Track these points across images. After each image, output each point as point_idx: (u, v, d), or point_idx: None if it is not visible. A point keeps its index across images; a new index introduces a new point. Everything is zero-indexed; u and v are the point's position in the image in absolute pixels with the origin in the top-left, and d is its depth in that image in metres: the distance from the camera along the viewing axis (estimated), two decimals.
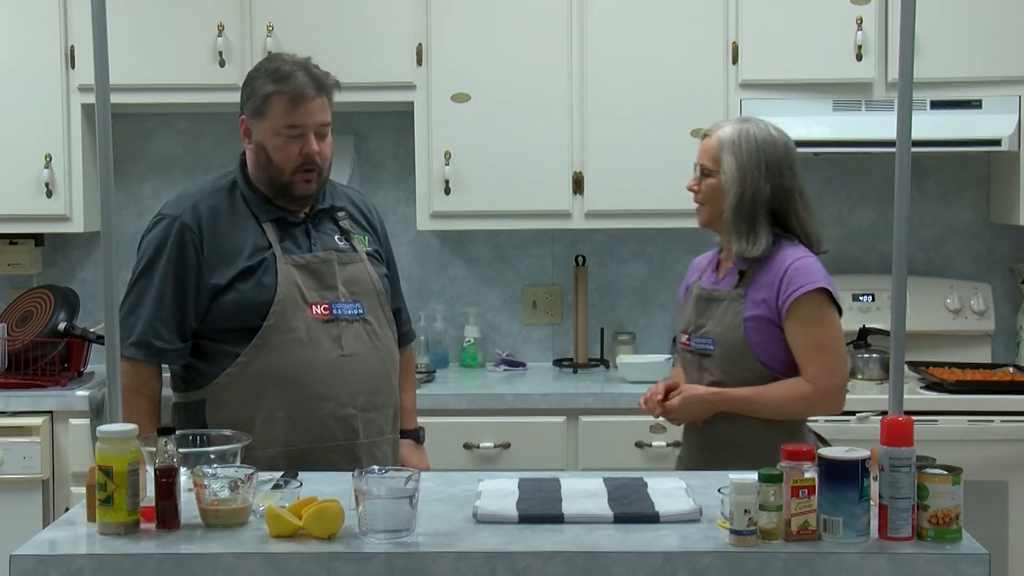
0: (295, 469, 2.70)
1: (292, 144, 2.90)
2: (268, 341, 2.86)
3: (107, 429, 2.32)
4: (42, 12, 4.20)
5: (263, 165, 2.93)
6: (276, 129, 2.90)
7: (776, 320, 2.91)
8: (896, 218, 2.38)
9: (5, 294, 4.53)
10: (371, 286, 3.00)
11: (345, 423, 2.91)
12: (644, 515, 2.34)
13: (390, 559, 2.19)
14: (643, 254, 4.62)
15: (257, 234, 2.92)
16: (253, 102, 2.93)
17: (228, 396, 2.88)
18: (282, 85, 2.90)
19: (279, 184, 2.93)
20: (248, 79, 2.99)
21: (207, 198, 2.95)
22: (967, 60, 4.14)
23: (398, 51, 4.20)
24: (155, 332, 2.87)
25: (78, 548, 2.26)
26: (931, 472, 2.22)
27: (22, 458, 3.93)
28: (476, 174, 4.22)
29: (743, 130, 2.99)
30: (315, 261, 2.94)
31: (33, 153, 4.22)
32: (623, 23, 4.19)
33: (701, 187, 3.03)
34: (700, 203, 3.05)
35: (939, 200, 4.56)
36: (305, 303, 2.89)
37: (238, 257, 2.89)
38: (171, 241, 2.88)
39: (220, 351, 2.89)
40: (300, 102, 2.89)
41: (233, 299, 2.87)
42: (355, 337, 2.93)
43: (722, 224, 3.01)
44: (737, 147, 2.97)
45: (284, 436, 2.87)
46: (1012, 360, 4.44)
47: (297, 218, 2.98)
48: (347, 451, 2.91)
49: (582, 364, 4.41)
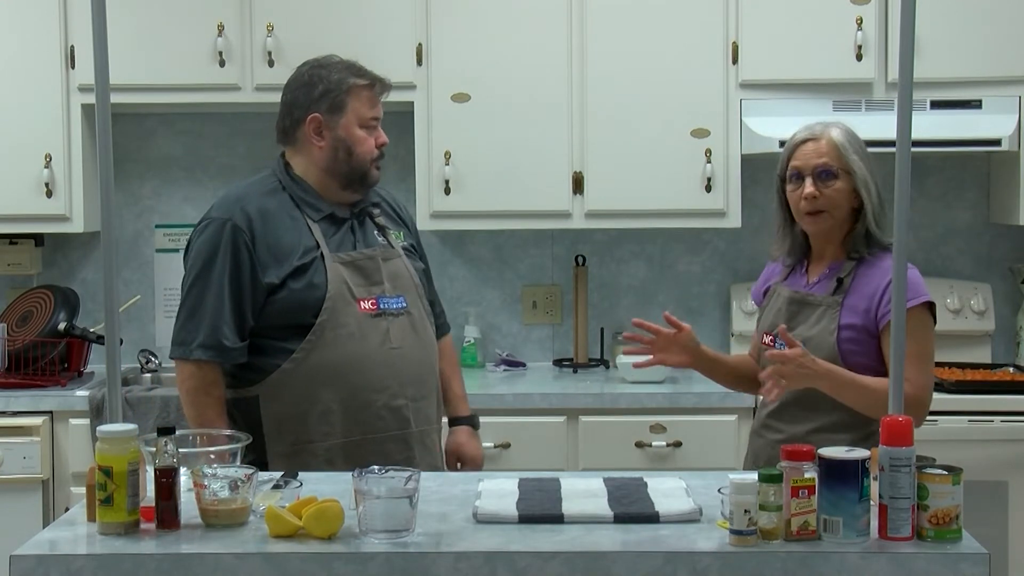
0: (351, 461, 2.75)
1: (370, 136, 3.03)
2: (321, 337, 2.92)
3: (107, 429, 2.32)
4: (42, 12, 4.20)
5: (343, 159, 3.01)
6: (361, 121, 3.02)
7: (873, 330, 2.81)
8: (896, 218, 2.38)
9: (5, 294, 4.53)
10: (410, 280, 3.08)
11: (398, 413, 2.97)
12: (644, 515, 2.35)
13: (390, 559, 2.19)
14: (643, 254, 4.62)
15: (305, 233, 2.98)
16: (330, 97, 3.00)
17: (283, 391, 2.92)
18: (363, 78, 3.03)
19: (359, 174, 3.03)
20: (312, 77, 3.03)
21: (255, 199, 2.99)
22: (967, 60, 4.14)
23: (398, 51, 4.20)
24: (221, 332, 2.91)
25: (78, 548, 2.26)
26: (931, 472, 2.22)
27: (22, 458, 3.93)
28: (476, 174, 4.22)
29: (847, 129, 2.91)
30: (361, 258, 3.01)
31: (33, 153, 4.22)
32: (623, 23, 4.19)
33: (825, 192, 2.86)
34: (822, 209, 2.87)
35: (939, 200, 4.56)
36: (354, 299, 2.96)
37: (290, 257, 2.94)
38: (224, 242, 2.93)
39: (274, 348, 2.94)
40: (379, 96, 3.06)
41: (286, 297, 2.93)
42: (401, 330, 3.00)
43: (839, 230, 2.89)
44: (857, 146, 2.88)
45: (341, 428, 2.93)
46: (1012, 360, 4.44)
47: (344, 214, 3.04)
48: (401, 440, 2.98)
49: (582, 364, 4.41)
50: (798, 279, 2.98)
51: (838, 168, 2.86)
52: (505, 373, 4.42)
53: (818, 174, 2.87)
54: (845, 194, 2.87)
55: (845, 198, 2.87)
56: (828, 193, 2.86)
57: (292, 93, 3.06)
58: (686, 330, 2.96)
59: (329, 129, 3.01)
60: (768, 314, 3.01)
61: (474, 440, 3.27)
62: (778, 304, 2.97)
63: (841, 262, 2.91)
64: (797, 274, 3.00)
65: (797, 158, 2.91)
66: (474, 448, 3.25)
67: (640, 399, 4.03)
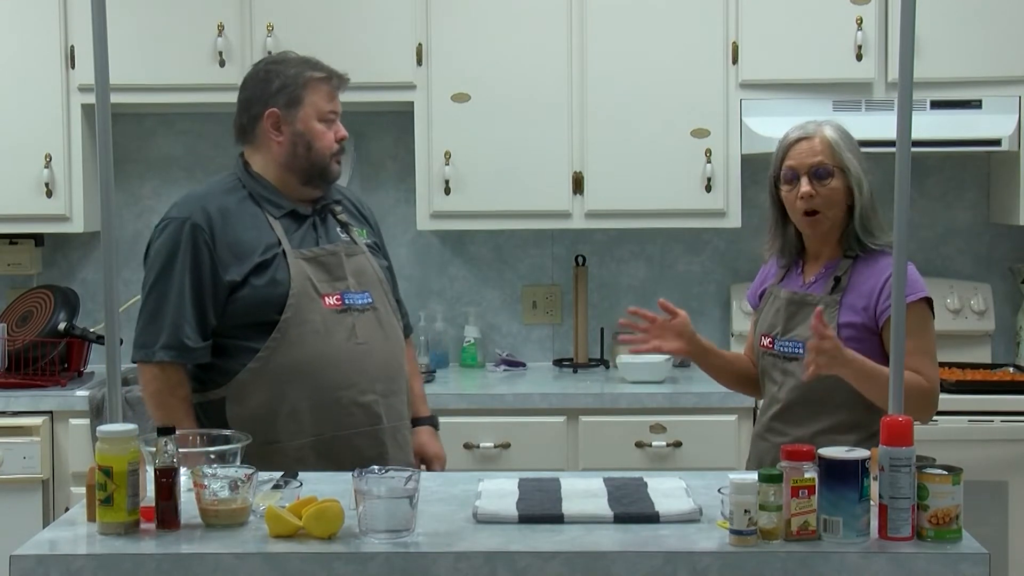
0: (322, 459, 2.75)
1: (329, 130, 3.01)
2: (286, 334, 2.89)
3: (107, 429, 2.32)
4: (42, 12, 4.20)
5: (302, 154, 2.99)
6: (320, 115, 3.00)
7: (873, 327, 2.80)
8: (896, 218, 2.38)
9: (5, 294, 4.53)
10: (375, 276, 3.05)
11: (368, 409, 2.95)
12: (644, 515, 2.35)
13: (390, 559, 2.19)
14: (643, 254, 4.62)
15: (266, 230, 2.95)
16: (287, 92, 2.98)
17: (250, 392, 2.90)
18: (320, 71, 3.02)
19: (318, 169, 3.01)
20: (268, 73, 3.02)
21: (214, 198, 2.97)
22: (967, 60, 4.14)
23: (398, 51, 4.20)
24: (183, 332, 2.88)
25: (78, 548, 2.26)
26: (931, 472, 2.22)
27: (22, 458, 3.93)
28: (476, 174, 4.22)
29: (839, 126, 2.89)
30: (323, 254, 2.98)
31: (33, 153, 4.22)
32: (623, 23, 4.19)
33: (822, 191, 2.83)
34: (819, 209, 2.84)
35: (939, 200, 4.56)
36: (318, 294, 2.93)
37: (251, 254, 2.91)
38: (183, 242, 2.90)
39: (239, 348, 2.91)
40: (337, 89, 3.04)
41: (249, 295, 2.90)
42: (367, 326, 2.98)
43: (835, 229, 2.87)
44: (850, 143, 2.86)
45: (311, 427, 2.90)
46: (1012, 360, 4.44)
47: (306, 211, 3.02)
48: (372, 436, 2.95)
49: (582, 364, 4.41)
50: (794, 280, 2.97)
51: (833, 166, 2.84)
52: (505, 373, 4.42)
53: (814, 173, 2.85)
54: (840, 192, 2.85)
55: (841, 196, 2.85)
56: (824, 192, 2.84)
57: (249, 90, 3.04)
58: (681, 316, 2.93)
59: (287, 124, 2.98)
60: (767, 316, 2.99)
61: (436, 440, 3.24)
62: (776, 305, 2.96)
63: (837, 260, 2.90)
64: (793, 275, 2.98)
65: (791, 158, 2.88)
66: (437, 448, 3.22)
67: (640, 399, 4.03)
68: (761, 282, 3.10)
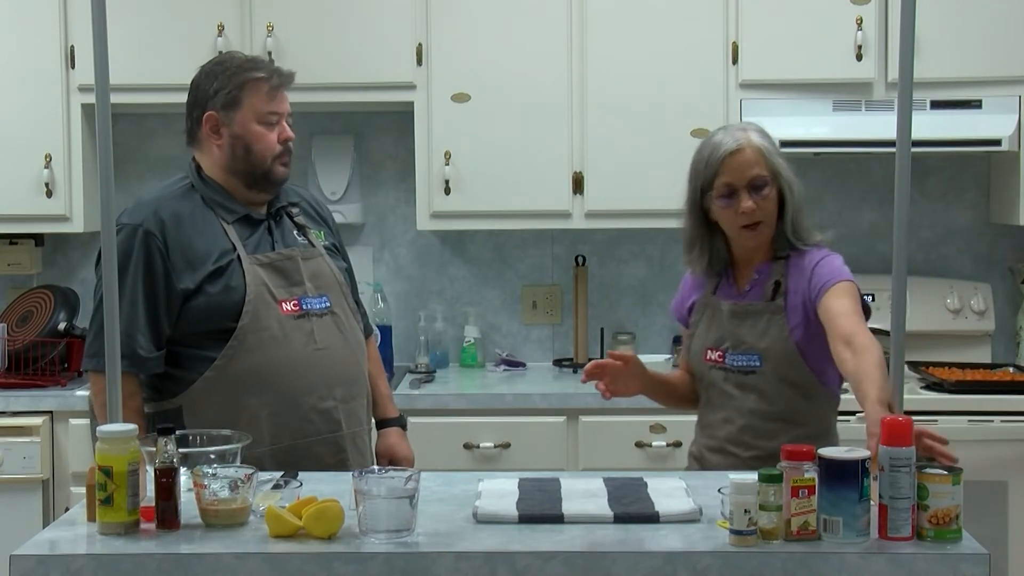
0: (281, 467, 2.70)
1: (271, 132, 2.94)
2: (244, 342, 2.85)
3: (107, 429, 2.32)
4: (42, 12, 4.20)
5: (241, 157, 2.93)
6: (258, 116, 2.93)
7: (813, 311, 2.76)
8: (896, 218, 2.38)
9: (5, 294, 4.53)
10: (333, 279, 3.01)
11: (327, 416, 2.91)
12: (644, 515, 2.34)
13: (390, 559, 2.19)
14: (643, 254, 4.62)
15: (220, 236, 2.90)
16: (224, 94, 2.92)
17: (207, 401, 2.85)
18: (259, 71, 2.94)
19: (260, 172, 2.94)
20: (207, 75, 2.98)
21: (166, 203, 2.91)
22: (967, 60, 4.14)
23: (398, 51, 4.20)
24: (136, 341, 2.83)
25: (78, 548, 2.26)
26: (931, 472, 2.22)
27: (22, 458, 3.93)
28: (476, 174, 4.22)
29: (760, 129, 2.87)
30: (279, 258, 2.94)
31: (33, 153, 4.22)
32: (623, 23, 4.19)
33: (761, 203, 2.80)
34: (761, 220, 2.81)
35: (939, 200, 4.56)
36: (275, 300, 2.89)
37: (205, 260, 2.86)
38: (136, 249, 2.84)
39: (195, 356, 2.86)
40: (277, 89, 2.95)
41: (204, 303, 2.85)
42: (326, 330, 2.94)
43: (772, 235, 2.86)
44: (774, 145, 2.85)
45: (269, 435, 2.85)
46: (1012, 360, 4.44)
47: (260, 215, 2.97)
48: (332, 443, 2.92)
49: (582, 364, 4.39)
50: (728, 289, 2.93)
51: (768, 175, 2.81)
52: (505, 373, 4.42)
53: (752, 186, 2.80)
54: (775, 199, 2.83)
55: (776, 203, 2.83)
56: (763, 204, 2.81)
57: (192, 93, 2.99)
58: (631, 359, 2.93)
59: (225, 126, 2.93)
60: (709, 328, 2.93)
61: (405, 441, 3.19)
62: (719, 318, 2.91)
63: (768, 264, 2.87)
64: (726, 284, 2.94)
65: (726, 173, 2.81)
66: (406, 449, 3.17)
67: (640, 399, 3.99)
68: (687, 295, 3.05)
